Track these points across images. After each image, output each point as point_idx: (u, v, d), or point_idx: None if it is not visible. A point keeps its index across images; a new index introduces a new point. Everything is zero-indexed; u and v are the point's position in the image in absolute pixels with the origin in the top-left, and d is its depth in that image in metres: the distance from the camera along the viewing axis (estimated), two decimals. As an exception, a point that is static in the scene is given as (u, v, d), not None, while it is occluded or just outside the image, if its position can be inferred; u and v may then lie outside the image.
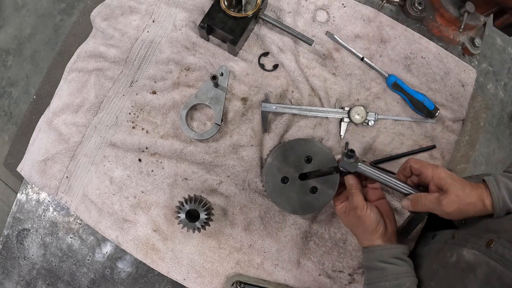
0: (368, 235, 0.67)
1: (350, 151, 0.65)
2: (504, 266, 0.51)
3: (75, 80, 0.81)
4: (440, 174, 0.61)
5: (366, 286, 0.66)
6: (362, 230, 0.67)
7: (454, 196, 0.58)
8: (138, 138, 0.79)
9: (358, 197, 0.67)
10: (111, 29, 0.83)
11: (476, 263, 0.56)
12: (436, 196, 0.60)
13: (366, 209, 0.66)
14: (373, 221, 0.66)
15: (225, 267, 0.76)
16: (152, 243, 0.76)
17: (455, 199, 0.58)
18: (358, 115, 0.81)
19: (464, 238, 0.64)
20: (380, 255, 0.65)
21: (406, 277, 0.62)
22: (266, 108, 0.80)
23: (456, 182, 0.60)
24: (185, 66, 0.82)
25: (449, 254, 0.63)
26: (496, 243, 0.55)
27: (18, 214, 0.81)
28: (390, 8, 0.93)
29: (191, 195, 0.75)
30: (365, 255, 0.67)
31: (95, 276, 0.79)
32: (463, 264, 0.58)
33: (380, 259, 0.64)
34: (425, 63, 0.87)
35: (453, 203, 0.58)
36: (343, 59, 0.86)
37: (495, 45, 2.08)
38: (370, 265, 0.66)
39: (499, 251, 0.54)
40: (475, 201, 0.58)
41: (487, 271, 0.53)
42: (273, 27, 0.85)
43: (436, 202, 0.60)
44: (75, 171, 0.78)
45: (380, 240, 0.66)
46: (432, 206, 0.60)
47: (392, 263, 0.63)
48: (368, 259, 0.66)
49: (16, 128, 1.76)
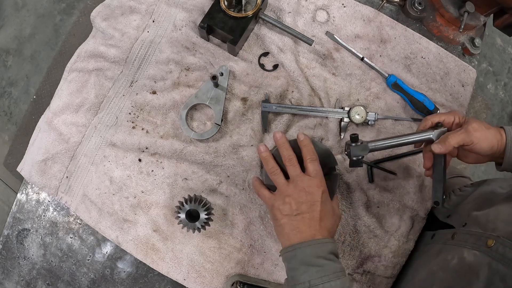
0: (320, 225, 0.59)
1: (352, 136, 0.63)
2: (506, 266, 0.51)
3: (75, 80, 0.82)
4: (458, 114, 0.66)
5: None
6: (318, 219, 0.59)
7: (476, 124, 0.62)
8: (138, 138, 0.79)
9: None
10: (111, 29, 0.83)
11: (477, 265, 0.56)
12: (461, 128, 0.63)
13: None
14: (338, 210, 0.64)
15: (225, 267, 0.76)
16: (152, 243, 0.76)
17: (479, 125, 0.62)
18: (358, 115, 0.81)
19: (464, 238, 0.64)
20: (321, 249, 0.57)
21: (344, 276, 0.56)
22: (266, 108, 0.80)
23: (473, 118, 0.65)
24: (185, 66, 0.82)
25: (449, 256, 0.62)
26: (497, 242, 0.55)
27: (18, 214, 0.81)
28: (390, 8, 0.93)
29: (191, 195, 0.75)
30: (302, 251, 0.57)
31: (95, 276, 0.79)
32: (465, 267, 0.58)
33: (319, 254, 0.56)
34: (425, 63, 0.87)
35: (478, 127, 0.62)
36: (343, 59, 0.86)
37: (495, 45, 2.08)
38: (309, 261, 0.56)
39: (500, 250, 0.54)
40: (494, 131, 0.63)
41: (490, 273, 0.53)
42: (273, 27, 0.85)
43: (463, 132, 0.62)
44: (75, 171, 0.78)
45: (326, 232, 0.59)
46: (461, 137, 0.61)
47: (330, 259, 0.56)
48: (305, 255, 0.56)
49: (16, 128, 1.76)
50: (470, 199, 0.76)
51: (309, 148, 0.63)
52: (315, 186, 0.60)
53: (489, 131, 0.63)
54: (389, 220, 0.79)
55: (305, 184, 0.60)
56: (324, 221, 0.59)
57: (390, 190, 0.81)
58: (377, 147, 0.64)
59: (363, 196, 0.80)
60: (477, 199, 0.74)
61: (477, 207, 0.69)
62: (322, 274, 0.54)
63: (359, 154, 0.64)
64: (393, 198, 0.80)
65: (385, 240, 0.78)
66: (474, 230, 0.64)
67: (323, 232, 0.58)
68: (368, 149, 0.64)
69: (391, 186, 0.81)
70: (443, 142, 0.62)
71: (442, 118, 0.66)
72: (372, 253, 0.78)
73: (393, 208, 0.80)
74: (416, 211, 0.80)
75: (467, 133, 0.61)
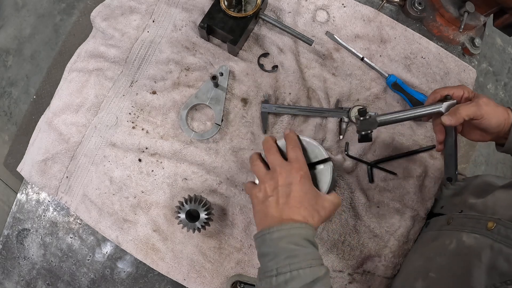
0: (293, 209, 0.54)
1: (361, 109, 0.61)
2: (510, 247, 0.51)
3: (75, 80, 0.81)
4: (467, 88, 0.66)
5: (267, 279, 0.51)
6: (292, 203, 0.54)
7: (486, 99, 0.62)
8: (138, 138, 0.79)
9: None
10: (111, 29, 0.83)
11: (478, 247, 0.55)
12: (472, 101, 0.63)
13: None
14: (331, 198, 0.58)
15: (225, 267, 0.76)
16: (152, 243, 0.76)
17: (489, 100, 0.62)
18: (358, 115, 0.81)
19: (461, 222, 0.63)
20: (292, 234, 0.51)
21: (318, 265, 0.51)
22: (266, 109, 0.80)
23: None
24: (185, 66, 0.82)
25: (447, 241, 0.61)
26: (498, 224, 0.54)
27: (18, 214, 0.81)
28: (390, 8, 0.93)
29: (191, 195, 0.75)
30: (269, 236, 0.52)
31: (95, 276, 0.79)
32: (465, 250, 0.57)
33: (290, 240, 0.51)
34: (425, 63, 0.87)
35: (488, 102, 0.62)
36: (343, 59, 0.86)
37: (495, 45, 2.08)
38: (278, 247, 0.51)
39: (502, 232, 0.53)
40: (502, 109, 0.64)
41: (492, 254, 0.52)
42: (273, 27, 0.85)
43: (474, 105, 0.61)
44: (75, 171, 0.78)
45: (300, 216, 0.53)
46: (472, 109, 0.61)
47: (302, 245, 0.51)
48: (273, 241, 0.52)
49: (16, 128, 1.76)
50: (466, 190, 0.76)
51: (291, 138, 0.60)
52: (293, 170, 0.56)
53: (498, 108, 0.63)
54: (389, 220, 0.79)
55: (283, 170, 0.56)
56: (300, 205, 0.54)
57: (390, 190, 0.81)
58: (386, 120, 0.63)
59: (363, 196, 0.80)
60: (473, 189, 0.74)
61: (474, 196, 0.69)
62: (291, 261, 0.49)
63: (368, 128, 0.61)
64: (393, 198, 0.80)
65: (385, 240, 0.78)
66: (471, 213, 0.63)
67: (296, 216, 0.53)
68: (377, 122, 0.62)
69: (391, 186, 0.81)
70: (454, 113, 0.62)
71: (452, 91, 0.66)
72: (372, 253, 0.78)
73: (393, 208, 0.80)
74: (416, 211, 0.80)
75: (478, 106, 0.61)
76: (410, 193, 0.80)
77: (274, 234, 0.52)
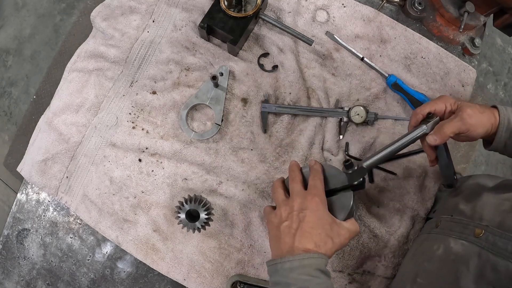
0: (306, 237, 0.54)
1: (345, 162, 0.60)
2: (497, 255, 0.50)
3: (75, 80, 0.82)
4: (449, 100, 0.65)
5: None
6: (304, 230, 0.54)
7: (470, 109, 0.61)
8: (138, 138, 0.79)
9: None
10: (111, 29, 0.83)
11: (466, 255, 0.54)
12: (455, 116, 0.62)
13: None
14: (344, 233, 0.57)
15: (225, 267, 0.76)
16: (152, 243, 0.76)
17: (473, 110, 0.61)
18: (358, 115, 0.81)
19: (448, 226, 0.63)
20: (303, 265, 0.52)
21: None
22: (265, 108, 0.80)
23: (465, 102, 0.64)
24: (185, 66, 0.82)
25: (435, 246, 0.61)
26: (486, 232, 0.54)
27: (18, 214, 0.81)
28: (390, 8, 0.93)
29: (191, 195, 0.75)
30: (281, 266, 0.53)
31: (95, 276, 0.79)
32: (452, 257, 0.56)
33: (301, 271, 0.51)
34: (425, 63, 0.87)
35: (473, 113, 0.61)
36: (343, 59, 0.86)
37: (495, 45, 2.08)
38: (288, 277, 0.52)
39: (490, 240, 0.52)
40: (488, 114, 0.62)
41: (480, 263, 0.51)
42: (273, 27, 0.85)
43: (458, 120, 0.61)
44: (75, 171, 0.78)
45: (313, 245, 0.53)
46: (457, 125, 0.60)
47: (314, 275, 0.51)
48: (284, 271, 0.52)
49: (16, 128, 1.76)
50: (457, 193, 0.75)
51: (314, 169, 0.61)
52: (309, 197, 0.57)
53: (483, 115, 0.62)
54: (389, 220, 0.79)
55: (299, 196, 0.57)
56: (313, 231, 0.54)
57: (390, 190, 0.81)
58: (373, 162, 0.62)
59: (363, 196, 0.80)
60: (464, 192, 0.74)
61: (464, 200, 0.68)
62: None
63: (359, 178, 0.60)
64: (393, 198, 0.80)
65: (385, 240, 0.78)
66: (458, 217, 0.63)
67: (308, 244, 0.53)
68: (365, 169, 0.61)
69: (391, 186, 0.81)
70: (438, 132, 0.61)
71: (433, 107, 0.64)
72: (372, 253, 0.78)
73: (393, 208, 0.80)
74: (416, 211, 0.80)
75: (462, 120, 0.60)
76: (410, 193, 0.80)
77: (286, 264, 0.52)
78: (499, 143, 0.64)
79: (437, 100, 0.65)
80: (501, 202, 0.58)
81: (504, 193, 0.61)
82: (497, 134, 0.63)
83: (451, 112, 0.64)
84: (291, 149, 0.81)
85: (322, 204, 0.57)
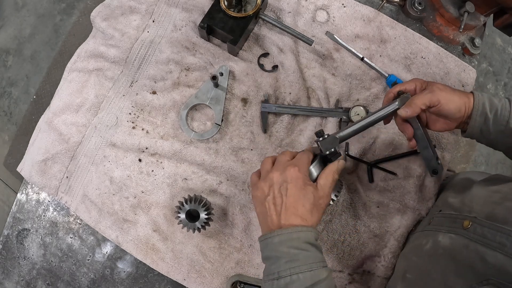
0: (292, 212, 0.54)
1: (317, 132, 0.61)
2: (486, 246, 0.50)
3: (75, 80, 0.81)
4: (419, 80, 0.66)
5: (270, 282, 0.52)
6: (289, 205, 0.54)
7: (441, 85, 0.63)
8: (138, 138, 0.79)
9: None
10: (111, 29, 0.83)
11: (453, 248, 0.54)
12: (426, 90, 0.63)
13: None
14: (326, 194, 0.57)
15: (225, 267, 0.76)
16: (152, 243, 0.76)
17: (444, 86, 0.63)
18: (358, 115, 0.81)
19: (439, 222, 0.62)
20: (292, 238, 0.52)
21: (320, 268, 0.52)
22: (265, 108, 0.80)
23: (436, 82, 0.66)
24: (185, 66, 0.82)
25: (424, 241, 0.61)
26: (474, 223, 0.53)
27: (18, 214, 0.81)
28: (390, 8, 0.93)
29: (191, 195, 0.75)
30: (271, 240, 0.53)
31: (95, 276, 0.79)
32: (440, 251, 0.56)
33: (290, 244, 0.52)
34: (425, 63, 0.87)
35: (443, 88, 0.62)
36: (343, 59, 0.86)
37: (495, 45, 2.08)
38: (279, 251, 0.52)
39: (478, 231, 0.52)
40: (460, 93, 0.63)
41: (468, 254, 0.51)
42: (273, 27, 0.85)
43: (428, 92, 0.62)
44: (75, 171, 0.78)
45: (299, 219, 0.54)
46: (427, 97, 0.61)
47: (303, 248, 0.52)
48: (274, 245, 0.53)
49: (16, 128, 1.76)
50: (446, 189, 0.76)
51: (307, 149, 0.63)
52: (289, 167, 0.56)
53: (454, 93, 0.63)
54: (389, 220, 0.79)
55: (281, 166, 0.57)
56: (297, 206, 0.54)
57: (390, 190, 0.81)
58: (346, 134, 0.63)
59: (363, 196, 0.80)
60: (453, 187, 0.74)
61: (453, 194, 0.69)
62: (292, 265, 0.51)
63: (331, 147, 0.60)
64: (393, 198, 0.80)
65: (385, 240, 0.78)
66: (448, 212, 0.63)
67: (294, 220, 0.53)
68: (337, 139, 0.61)
69: (391, 186, 0.81)
70: (409, 105, 0.62)
71: (403, 87, 0.66)
72: (372, 253, 0.78)
73: (393, 208, 0.80)
74: (418, 211, 0.80)
75: (432, 92, 0.61)
76: (411, 192, 0.80)
77: (275, 238, 0.53)
78: (474, 129, 0.64)
79: (408, 81, 0.67)
80: (490, 194, 0.59)
81: (493, 185, 0.61)
82: (471, 118, 0.63)
83: (421, 89, 0.65)
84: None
85: (302, 173, 0.56)
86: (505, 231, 0.48)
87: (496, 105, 0.63)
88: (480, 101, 0.63)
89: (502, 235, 0.48)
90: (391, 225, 0.79)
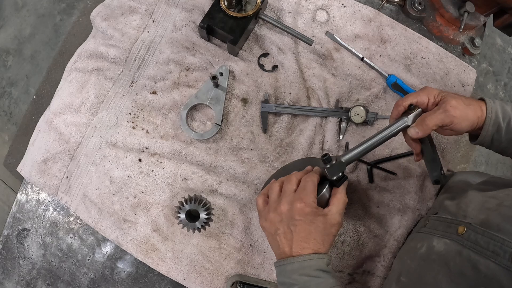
0: (301, 244, 0.55)
1: (323, 157, 0.58)
2: (478, 253, 0.49)
3: (75, 80, 0.81)
4: (432, 91, 0.61)
5: None
6: (299, 238, 0.55)
7: (455, 101, 0.58)
8: (138, 138, 0.79)
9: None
10: (111, 29, 0.83)
11: (447, 254, 0.53)
12: (438, 108, 0.59)
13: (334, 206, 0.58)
14: (338, 222, 0.57)
15: (225, 267, 0.76)
16: (152, 243, 0.76)
17: (457, 102, 0.58)
18: (358, 115, 0.81)
19: (434, 225, 0.62)
20: (303, 267, 0.54)
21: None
22: (265, 108, 0.80)
23: (450, 93, 0.61)
24: (185, 66, 0.82)
25: (419, 244, 0.60)
26: (468, 229, 0.52)
27: (18, 214, 0.81)
28: (390, 8, 0.93)
29: (191, 195, 0.75)
30: (284, 268, 0.55)
31: (95, 276, 0.79)
32: (434, 256, 0.55)
33: (302, 272, 0.54)
34: (425, 63, 0.87)
35: (457, 105, 0.57)
36: (343, 59, 0.86)
37: (495, 45, 2.08)
38: (291, 278, 0.54)
39: (471, 237, 0.51)
40: (474, 107, 0.59)
41: (461, 261, 0.50)
42: (273, 27, 0.85)
43: (441, 112, 0.58)
44: (75, 171, 0.78)
45: (311, 250, 0.55)
46: (440, 117, 0.57)
47: (314, 276, 0.53)
48: (287, 273, 0.55)
49: (16, 128, 1.76)
50: (444, 191, 0.75)
51: (308, 170, 0.62)
52: (297, 204, 0.56)
53: (469, 108, 0.58)
54: (389, 220, 0.79)
55: (288, 201, 0.57)
56: (309, 239, 0.55)
57: (390, 190, 0.81)
58: (352, 157, 0.60)
59: (363, 196, 0.80)
60: (450, 189, 0.73)
61: (450, 197, 0.67)
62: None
63: (339, 172, 0.59)
64: (393, 198, 0.80)
65: (385, 240, 0.78)
66: (443, 216, 0.61)
67: (305, 251, 0.55)
68: (344, 163, 0.59)
69: (391, 186, 0.81)
70: (420, 125, 0.58)
71: (415, 99, 0.61)
72: (372, 253, 0.78)
73: (394, 208, 0.80)
74: (418, 211, 0.80)
75: (446, 112, 0.57)
76: (411, 192, 0.80)
77: (288, 266, 0.55)
78: (486, 137, 0.61)
79: (420, 92, 0.62)
80: (486, 199, 0.57)
81: (490, 190, 0.59)
82: (484, 128, 0.60)
83: (434, 104, 0.61)
84: (291, 149, 0.81)
85: (309, 206, 0.56)
86: (498, 239, 0.47)
87: (509, 113, 0.60)
88: (493, 110, 0.60)
89: (495, 243, 0.47)
90: (391, 225, 0.79)
